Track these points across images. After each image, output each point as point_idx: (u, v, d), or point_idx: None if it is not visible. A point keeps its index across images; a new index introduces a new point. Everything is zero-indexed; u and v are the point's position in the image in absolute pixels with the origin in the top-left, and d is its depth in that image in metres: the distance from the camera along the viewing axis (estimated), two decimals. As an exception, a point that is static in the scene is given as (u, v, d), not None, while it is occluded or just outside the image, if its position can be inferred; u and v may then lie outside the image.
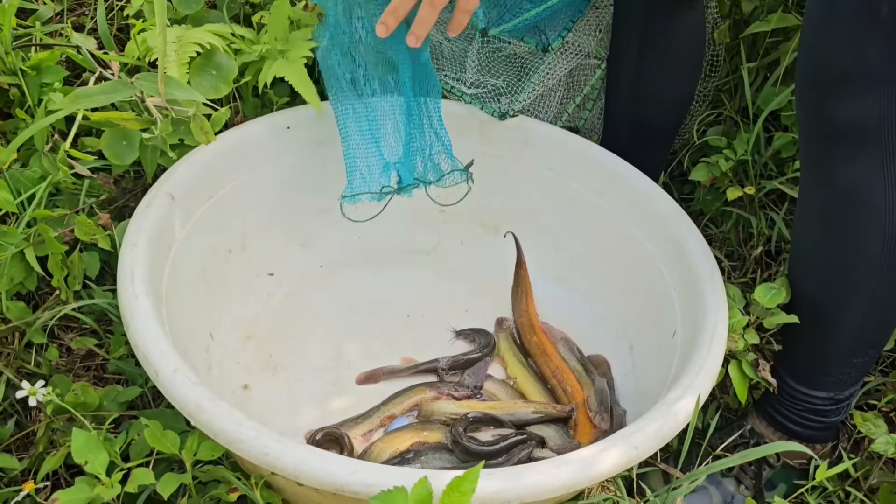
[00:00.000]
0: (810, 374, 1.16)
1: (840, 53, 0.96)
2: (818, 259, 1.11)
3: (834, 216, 1.06)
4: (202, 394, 0.88)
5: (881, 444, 1.11)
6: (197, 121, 1.11)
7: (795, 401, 1.16)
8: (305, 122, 1.31)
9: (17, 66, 1.23)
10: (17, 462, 1.07)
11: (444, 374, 1.28)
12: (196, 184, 1.20)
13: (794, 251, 1.16)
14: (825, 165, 1.04)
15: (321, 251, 1.43)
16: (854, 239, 1.04)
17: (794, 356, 1.17)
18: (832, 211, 1.06)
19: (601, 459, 0.89)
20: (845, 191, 1.03)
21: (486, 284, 1.47)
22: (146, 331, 0.94)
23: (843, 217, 1.04)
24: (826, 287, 1.11)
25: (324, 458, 0.84)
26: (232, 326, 1.30)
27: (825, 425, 1.18)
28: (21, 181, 1.17)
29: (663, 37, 1.34)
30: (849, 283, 1.07)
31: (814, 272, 1.12)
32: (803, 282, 1.14)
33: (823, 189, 1.06)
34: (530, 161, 1.42)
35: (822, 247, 1.09)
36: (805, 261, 1.14)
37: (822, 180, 1.05)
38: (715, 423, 1.17)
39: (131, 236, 1.07)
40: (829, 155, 1.02)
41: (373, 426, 1.20)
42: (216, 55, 1.23)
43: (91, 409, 1.09)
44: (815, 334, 1.13)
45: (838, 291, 1.09)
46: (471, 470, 0.77)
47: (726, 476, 1.18)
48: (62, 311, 1.14)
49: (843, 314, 1.10)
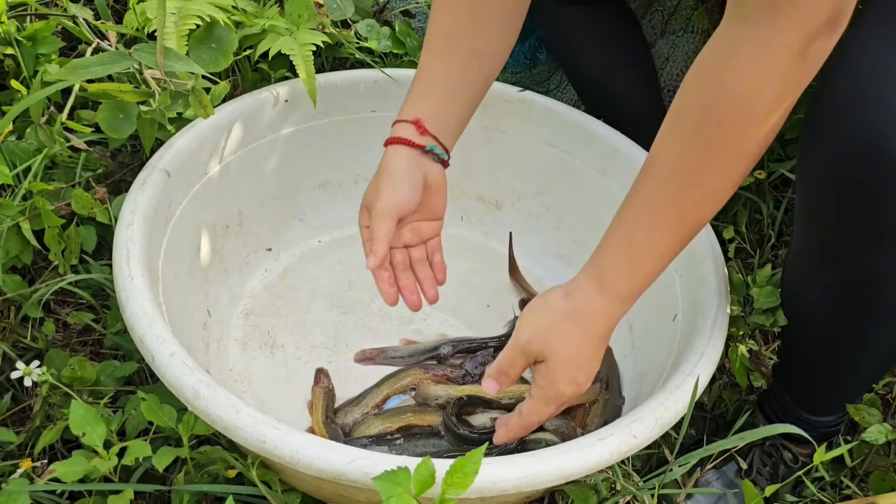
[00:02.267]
0: (811, 406, 1.13)
1: None
2: (825, 329, 1.03)
3: (854, 302, 0.95)
4: (199, 379, 0.87)
5: (873, 433, 1.11)
6: (196, 94, 1.09)
7: (795, 419, 1.13)
8: (303, 94, 1.29)
9: (13, 36, 1.21)
10: (14, 436, 1.06)
11: (446, 361, 1.27)
12: (192, 159, 1.18)
13: (789, 307, 1.08)
14: (852, 256, 0.91)
15: (320, 225, 1.43)
16: (877, 324, 0.97)
17: (795, 386, 1.14)
18: (853, 297, 0.95)
19: (599, 449, 0.89)
20: (874, 283, 0.91)
21: (486, 260, 1.46)
22: (142, 314, 0.93)
23: (867, 305, 0.94)
24: (835, 345, 1.03)
25: (322, 445, 0.83)
26: (230, 303, 1.29)
27: (826, 433, 1.17)
28: (16, 153, 1.15)
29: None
30: (866, 346, 1.01)
31: (819, 334, 1.05)
32: (805, 333, 1.08)
33: (842, 276, 0.94)
34: (533, 136, 1.40)
35: (833, 324, 1.01)
36: (808, 324, 1.06)
37: (842, 267, 0.93)
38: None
39: (126, 215, 1.05)
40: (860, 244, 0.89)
41: (367, 409, 1.19)
42: (216, 28, 1.21)
43: (88, 385, 1.09)
44: (819, 379, 1.10)
45: (851, 349, 1.03)
46: (474, 451, 0.76)
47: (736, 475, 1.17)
48: (58, 284, 1.14)
49: (855, 368, 1.06)
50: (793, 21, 0.75)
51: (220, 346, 1.23)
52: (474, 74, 1.07)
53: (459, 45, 1.05)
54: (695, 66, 0.82)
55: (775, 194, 1.47)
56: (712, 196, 0.85)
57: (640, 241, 0.87)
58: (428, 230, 1.12)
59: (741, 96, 0.78)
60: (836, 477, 1.17)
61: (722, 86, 0.79)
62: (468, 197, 1.47)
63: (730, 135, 0.80)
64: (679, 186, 0.84)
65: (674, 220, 0.86)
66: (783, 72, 0.77)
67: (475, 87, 1.08)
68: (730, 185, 0.85)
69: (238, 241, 1.32)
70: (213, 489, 1.00)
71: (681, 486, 1.13)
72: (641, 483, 1.05)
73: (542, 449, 0.89)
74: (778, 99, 0.79)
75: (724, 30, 0.80)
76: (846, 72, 0.84)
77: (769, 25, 0.76)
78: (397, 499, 0.74)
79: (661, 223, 0.86)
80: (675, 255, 0.89)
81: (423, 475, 0.75)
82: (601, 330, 0.93)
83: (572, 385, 0.94)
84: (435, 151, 1.05)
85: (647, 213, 0.86)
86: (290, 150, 1.34)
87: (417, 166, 1.05)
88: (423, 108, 1.05)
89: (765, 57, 0.77)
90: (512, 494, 0.86)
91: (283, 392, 1.20)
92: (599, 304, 0.91)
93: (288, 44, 1.24)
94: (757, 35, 0.77)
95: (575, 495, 1.03)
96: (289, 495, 1.01)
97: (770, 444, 1.17)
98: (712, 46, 0.81)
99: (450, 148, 1.08)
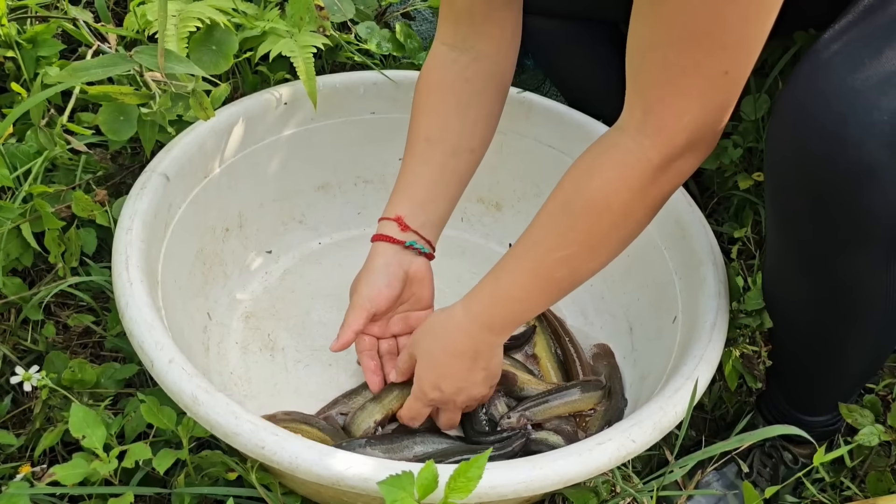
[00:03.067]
0: (805, 406, 1.14)
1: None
2: (806, 329, 1.05)
3: (829, 304, 0.98)
4: (198, 385, 0.87)
5: (866, 434, 1.11)
6: (197, 96, 1.09)
7: (791, 420, 1.14)
8: (303, 96, 1.29)
9: (13, 38, 1.21)
10: (14, 438, 1.07)
11: None
12: (191, 163, 1.18)
13: (772, 309, 1.09)
14: (822, 258, 0.93)
15: (320, 227, 1.43)
16: (852, 323, 0.99)
17: (788, 387, 1.15)
18: (827, 298, 0.98)
19: (598, 454, 0.89)
20: (845, 284, 0.94)
21: (486, 261, 1.46)
22: (141, 320, 0.93)
23: (841, 306, 0.97)
24: (818, 345, 1.06)
25: (320, 451, 0.84)
26: (229, 306, 1.29)
27: (824, 432, 1.17)
28: (17, 156, 1.15)
29: None
30: (847, 345, 1.03)
31: (802, 334, 1.07)
32: (789, 334, 1.09)
33: (814, 279, 0.97)
34: (532, 137, 1.40)
35: (813, 324, 1.03)
36: (790, 326, 1.08)
37: (815, 269, 0.95)
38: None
39: (125, 220, 1.05)
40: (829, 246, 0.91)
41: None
42: (216, 30, 1.21)
43: (88, 387, 1.09)
44: (809, 379, 1.11)
45: (833, 349, 1.04)
46: (478, 456, 0.77)
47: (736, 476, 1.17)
48: (59, 287, 1.14)
49: (841, 368, 1.07)
50: (654, 141, 0.86)
51: (221, 349, 1.23)
52: (451, 171, 1.15)
53: (437, 145, 1.14)
54: (580, 156, 0.95)
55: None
56: (569, 263, 0.96)
57: (504, 280, 1.00)
58: (416, 320, 1.18)
59: (600, 192, 0.90)
60: (837, 478, 1.17)
61: (589, 178, 0.92)
62: (468, 198, 1.46)
63: (588, 221, 0.92)
64: (544, 249, 0.96)
65: (532, 273, 0.98)
66: (639, 180, 0.88)
67: (453, 182, 1.16)
68: (589, 260, 0.97)
69: (238, 244, 1.32)
70: (214, 492, 1.00)
71: (681, 487, 1.13)
72: (641, 485, 1.05)
73: (541, 454, 0.90)
74: (632, 202, 0.91)
75: (609, 131, 0.92)
76: (811, 68, 0.86)
77: (635, 139, 0.87)
78: (401, 503, 0.74)
79: (523, 272, 0.99)
80: (533, 302, 1.01)
81: (427, 479, 0.76)
82: (461, 346, 1.04)
83: (435, 390, 1.07)
84: (415, 246, 1.14)
85: (516, 260, 0.99)
86: (290, 152, 1.34)
87: (397, 261, 1.13)
88: (404, 206, 1.14)
89: (625, 165, 0.88)
90: (511, 499, 0.86)
91: (284, 395, 1.20)
92: (460, 321, 1.03)
93: (289, 46, 1.24)
94: (624, 144, 0.88)
95: (574, 498, 1.03)
96: (288, 498, 1.01)
97: (770, 446, 1.18)
98: (597, 142, 0.94)
99: (433, 240, 1.17)
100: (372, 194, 1.43)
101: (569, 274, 0.98)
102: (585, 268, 0.98)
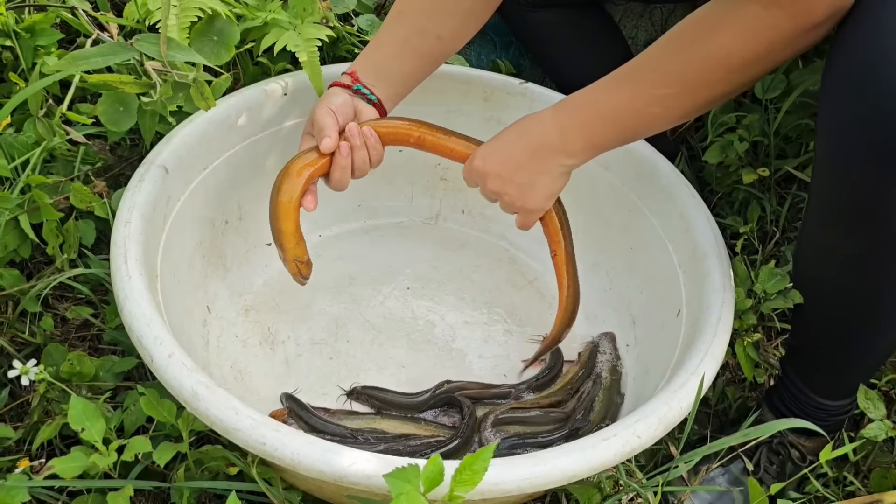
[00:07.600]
0: (827, 388, 1.13)
1: None
2: (842, 298, 1.04)
3: (873, 261, 0.96)
4: (198, 380, 0.86)
5: (873, 429, 1.10)
6: (197, 86, 1.08)
7: (809, 406, 1.14)
8: (303, 87, 1.28)
9: (11, 27, 1.19)
10: (11, 431, 1.06)
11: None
12: (190, 154, 1.17)
13: (802, 282, 1.10)
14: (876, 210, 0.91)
15: (320, 220, 1.41)
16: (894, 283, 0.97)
17: (810, 370, 1.14)
18: (872, 254, 0.95)
19: (602, 450, 0.88)
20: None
21: (487, 254, 1.46)
22: (140, 314, 0.92)
23: (884, 260, 0.95)
24: (852, 315, 1.04)
25: (322, 447, 0.83)
26: (229, 299, 1.28)
27: (837, 421, 1.16)
28: (14, 146, 1.15)
29: None
30: (884, 311, 1.01)
31: (836, 308, 1.06)
32: (820, 308, 1.09)
33: (864, 236, 0.94)
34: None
35: (848, 293, 1.02)
36: (824, 298, 1.07)
37: (867, 227, 0.93)
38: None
39: (123, 213, 1.04)
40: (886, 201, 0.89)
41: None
42: (218, 20, 1.20)
43: (87, 380, 1.08)
44: (836, 356, 1.10)
45: (868, 316, 1.03)
46: (483, 449, 0.76)
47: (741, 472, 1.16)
48: (57, 279, 1.13)
49: (872, 341, 1.06)
50: (788, 12, 0.88)
51: (220, 342, 1.22)
52: (412, 48, 1.18)
53: (407, 21, 1.17)
54: (707, 5, 0.94)
55: (779, 191, 1.46)
56: (665, 102, 0.98)
57: (599, 95, 1.03)
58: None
59: (724, 49, 0.92)
60: (840, 473, 1.17)
61: (713, 32, 0.92)
62: (470, 190, 1.45)
63: (702, 71, 0.94)
64: (647, 83, 0.99)
65: (629, 99, 1.00)
66: (766, 45, 0.90)
67: (411, 59, 1.19)
68: (685, 105, 0.98)
69: (237, 237, 1.31)
70: (214, 486, 0.99)
71: (686, 482, 1.12)
72: (645, 480, 1.05)
73: (545, 450, 0.89)
74: (752, 64, 0.92)
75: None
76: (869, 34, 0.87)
77: (768, 9, 0.88)
78: (407, 496, 0.73)
79: (620, 95, 1.01)
80: (617, 127, 1.03)
81: (433, 473, 0.75)
82: (529, 129, 1.08)
83: (480, 159, 1.11)
84: (362, 91, 1.16)
85: (616, 83, 1.02)
86: (291, 143, 1.33)
87: (348, 99, 1.15)
88: (360, 64, 1.18)
89: (756, 31, 0.90)
90: (514, 495, 0.85)
91: (284, 388, 1.19)
92: (541, 115, 1.07)
93: (293, 39, 1.22)
94: (754, 10, 0.89)
95: (578, 493, 1.03)
96: (290, 493, 1.01)
97: (778, 442, 1.17)
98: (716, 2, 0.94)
99: (385, 101, 1.18)
100: (372, 186, 1.42)
101: (662, 112, 1.00)
102: (678, 111, 1.00)
